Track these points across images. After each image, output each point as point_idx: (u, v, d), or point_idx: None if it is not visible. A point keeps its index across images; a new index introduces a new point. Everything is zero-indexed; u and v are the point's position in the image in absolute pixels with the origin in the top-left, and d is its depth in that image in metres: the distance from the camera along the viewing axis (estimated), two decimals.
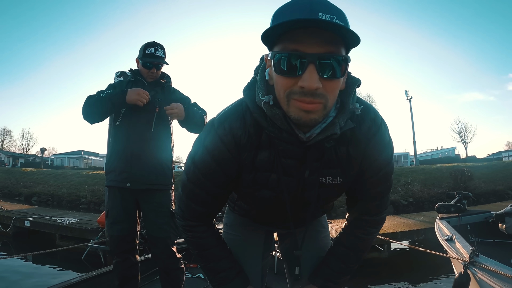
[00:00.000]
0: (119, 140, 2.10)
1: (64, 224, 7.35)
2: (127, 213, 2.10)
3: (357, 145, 0.90)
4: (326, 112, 0.76)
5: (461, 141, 39.56)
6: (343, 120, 0.82)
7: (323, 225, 1.29)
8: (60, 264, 6.17)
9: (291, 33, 0.71)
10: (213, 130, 0.89)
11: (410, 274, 5.65)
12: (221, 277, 1.06)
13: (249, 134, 0.87)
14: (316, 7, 0.69)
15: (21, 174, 23.86)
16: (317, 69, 0.70)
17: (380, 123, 0.92)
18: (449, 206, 3.94)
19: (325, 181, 0.93)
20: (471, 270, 2.28)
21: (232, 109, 0.91)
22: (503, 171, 17.97)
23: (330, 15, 0.69)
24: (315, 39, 0.70)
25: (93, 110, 2.03)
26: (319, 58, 0.70)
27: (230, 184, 0.96)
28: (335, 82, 0.74)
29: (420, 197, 14.96)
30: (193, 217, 1.02)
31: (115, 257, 2.13)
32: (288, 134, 0.81)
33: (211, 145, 0.89)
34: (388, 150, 0.94)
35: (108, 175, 2.14)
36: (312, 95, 0.71)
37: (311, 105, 0.72)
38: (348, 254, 1.08)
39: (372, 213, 1.04)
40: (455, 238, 2.99)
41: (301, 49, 0.70)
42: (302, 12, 0.69)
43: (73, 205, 16.15)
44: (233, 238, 1.24)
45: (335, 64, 0.71)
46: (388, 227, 6.66)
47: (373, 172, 0.94)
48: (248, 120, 0.87)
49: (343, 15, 0.72)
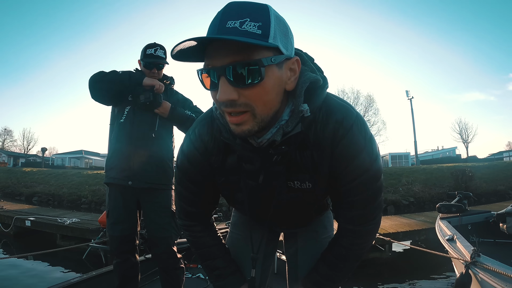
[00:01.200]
0: (122, 138, 2.10)
1: (65, 224, 7.36)
2: (128, 213, 2.09)
3: (321, 150, 0.84)
4: (259, 120, 0.73)
5: (462, 141, 39.47)
6: (292, 125, 0.78)
7: (324, 226, 1.24)
8: (60, 264, 6.17)
9: (207, 48, 0.71)
10: (188, 135, 0.96)
11: (411, 274, 5.64)
12: (216, 274, 1.11)
13: (215, 139, 0.91)
14: (226, 16, 0.68)
15: (22, 174, 23.89)
16: (229, 81, 0.68)
17: (351, 125, 0.81)
18: (450, 206, 3.94)
19: (294, 186, 0.91)
20: (472, 270, 2.28)
21: (204, 115, 0.97)
22: (504, 171, 17.94)
23: (240, 20, 0.67)
24: (223, 51, 0.68)
25: (104, 77, 2.01)
26: (226, 69, 0.68)
27: (211, 187, 1.00)
28: (255, 88, 0.69)
29: (421, 197, 14.94)
30: (187, 217, 1.08)
31: (115, 257, 2.13)
32: (240, 140, 0.82)
33: (186, 149, 0.96)
34: (363, 156, 0.82)
35: (108, 172, 2.12)
36: (232, 106, 0.70)
37: (236, 118, 0.72)
38: (336, 263, 1.02)
39: (356, 223, 0.94)
40: (456, 238, 2.99)
41: (212, 64, 0.70)
42: (213, 24, 0.69)
43: (74, 205, 16.15)
44: (235, 237, 1.27)
45: (247, 71, 0.68)
46: (390, 227, 6.66)
47: (347, 179, 0.85)
48: (215, 126, 0.90)
49: (260, 13, 0.69)
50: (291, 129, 0.79)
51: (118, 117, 2.14)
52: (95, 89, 2.03)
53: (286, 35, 0.74)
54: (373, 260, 6.05)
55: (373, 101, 34.95)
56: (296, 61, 0.76)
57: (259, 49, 0.68)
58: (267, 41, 0.67)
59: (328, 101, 0.84)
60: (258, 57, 0.68)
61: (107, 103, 2.15)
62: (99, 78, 2.02)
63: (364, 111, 34.03)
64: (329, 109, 0.83)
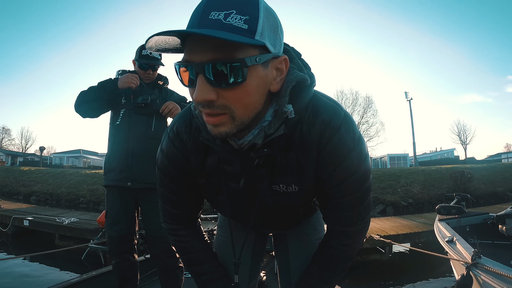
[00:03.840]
0: (119, 140, 2.12)
1: (64, 224, 7.35)
2: (126, 214, 2.10)
3: (307, 152, 0.79)
4: (239, 123, 0.68)
5: (460, 143, 39.63)
6: (274, 127, 0.73)
7: (315, 227, 1.18)
8: (59, 264, 6.16)
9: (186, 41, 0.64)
10: (167, 133, 0.91)
11: (411, 276, 5.65)
12: (203, 280, 1.06)
13: (194, 138, 0.85)
14: (209, 6, 0.62)
15: (19, 173, 23.80)
16: (207, 80, 0.62)
17: (339, 126, 0.77)
18: (450, 208, 3.93)
19: (279, 189, 0.86)
20: (473, 272, 2.28)
21: (182, 112, 0.91)
22: (502, 172, 17.98)
23: (226, 11, 0.60)
24: (202, 46, 0.61)
25: (84, 98, 2.06)
26: (204, 67, 0.62)
27: (194, 187, 0.95)
28: (236, 90, 0.64)
29: (420, 198, 14.95)
30: (171, 220, 1.03)
31: (114, 257, 2.13)
32: (220, 141, 0.76)
33: (166, 148, 0.91)
34: (351, 158, 0.79)
35: (107, 174, 2.14)
36: (209, 107, 0.65)
37: (213, 119, 0.66)
38: (327, 264, 0.99)
39: (344, 224, 0.90)
40: (456, 240, 2.99)
41: (191, 59, 0.63)
42: (194, 16, 0.63)
43: (72, 204, 16.13)
44: (221, 239, 1.21)
45: (224, 70, 0.62)
46: (390, 229, 6.67)
47: (335, 181, 0.82)
48: (194, 124, 0.84)
49: (248, 5, 0.63)
50: (273, 131, 0.73)
51: (114, 119, 2.16)
52: (81, 111, 2.10)
53: (276, 31, 0.68)
54: (374, 262, 6.06)
55: (371, 102, 35.10)
56: (284, 60, 0.70)
57: (243, 46, 0.62)
58: (253, 38, 0.62)
59: (314, 100, 0.79)
60: (242, 55, 0.62)
61: (97, 115, 2.16)
62: (80, 101, 2.07)
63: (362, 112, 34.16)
64: (315, 109, 0.78)
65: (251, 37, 0.61)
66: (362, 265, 5.73)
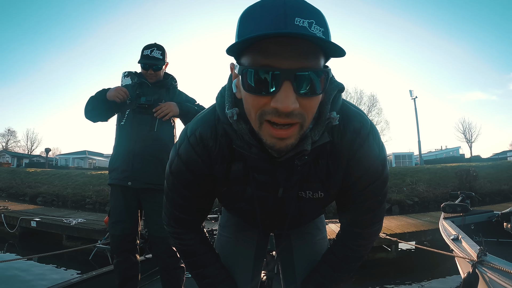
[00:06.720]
0: (123, 140, 2.16)
1: (71, 225, 7.38)
2: (129, 213, 2.13)
3: (338, 159, 0.81)
4: (302, 132, 0.67)
5: (465, 141, 39.31)
6: (318, 134, 0.73)
7: (318, 227, 1.20)
8: (67, 264, 6.20)
9: (262, 42, 0.60)
10: (186, 138, 0.84)
11: (417, 274, 5.63)
12: (206, 283, 1.05)
13: (220, 145, 0.82)
14: (292, 11, 0.58)
15: (26, 175, 24.03)
16: (293, 87, 0.60)
17: (368, 134, 0.80)
18: (455, 206, 3.93)
19: (305, 195, 0.87)
20: (479, 269, 2.28)
21: (205, 116, 0.85)
22: (508, 170, 17.83)
23: (308, 20, 0.58)
24: (291, 51, 0.59)
25: (87, 107, 2.15)
26: (295, 73, 0.59)
27: (209, 193, 0.93)
28: (314, 99, 0.64)
29: (425, 196, 14.89)
30: (177, 224, 0.99)
31: (116, 256, 2.17)
32: (257, 149, 0.74)
33: (185, 154, 0.84)
34: (377, 164, 0.82)
35: (111, 173, 2.19)
36: (287, 116, 0.61)
37: (286, 131, 0.64)
38: (340, 264, 1.01)
39: (363, 225, 0.93)
40: (461, 238, 2.99)
41: (274, 64, 0.59)
42: (275, 18, 0.58)
43: (78, 205, 16.24)
44: (225, 240, 1.21)
45: (314, 79, 0.61)
46: (396, 227, 6.65)
47: (360, 187, 0.84)
48: (220, 130, 0.81)
49: (322, 17, 0.62)
50: (317, 138, 0.73)
51: (119, 119, 2.21)
52: (89, 118, 2.19)
53: None
54: (380, 260, 6.05)
55: (376, 100, 34.93)
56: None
57: (321, 55, 0.62)
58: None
59: (344, 109, 0.80)
60: (321, 65, 0.63)
61: (106, 119, 2.24)
62: (85, 109, 2.17)
63: (367, 110, 33.95)
64: (346, 117, 0.79)
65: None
66: (369, 263, 5.71)
